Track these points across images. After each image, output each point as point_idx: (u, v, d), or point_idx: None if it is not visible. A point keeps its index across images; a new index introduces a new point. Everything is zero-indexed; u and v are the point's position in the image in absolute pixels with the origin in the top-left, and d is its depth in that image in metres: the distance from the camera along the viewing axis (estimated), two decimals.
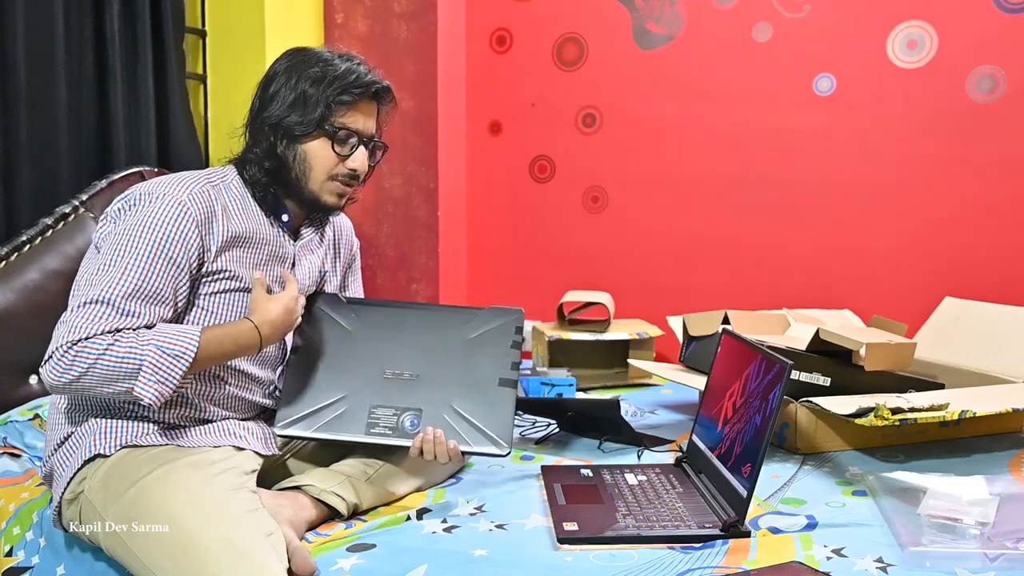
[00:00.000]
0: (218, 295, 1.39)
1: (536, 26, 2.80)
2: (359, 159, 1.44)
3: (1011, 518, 1.27)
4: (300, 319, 1.44)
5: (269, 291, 1.42)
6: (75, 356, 1.22)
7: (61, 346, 1.22)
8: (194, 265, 1.34)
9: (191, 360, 1.26)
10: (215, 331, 1.32)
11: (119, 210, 1.37)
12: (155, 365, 1.24)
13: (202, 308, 1.38)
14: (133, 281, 1.28)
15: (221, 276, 1.38)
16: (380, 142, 1.50)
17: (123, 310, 1.26)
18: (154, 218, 1.31)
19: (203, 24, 2.53)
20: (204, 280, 1.37)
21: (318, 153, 1.42)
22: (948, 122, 2.43)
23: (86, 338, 1.22)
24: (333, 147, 1.42)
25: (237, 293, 1.40)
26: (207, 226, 1.35)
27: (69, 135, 2.09)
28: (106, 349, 1.22)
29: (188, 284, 1.35)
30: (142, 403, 1.26)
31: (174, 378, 1.25)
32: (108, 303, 1.26)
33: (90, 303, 1.25)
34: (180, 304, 1.34)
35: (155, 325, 1.30)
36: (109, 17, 2.16)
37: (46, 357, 1.24)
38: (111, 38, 2.17)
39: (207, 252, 1.36)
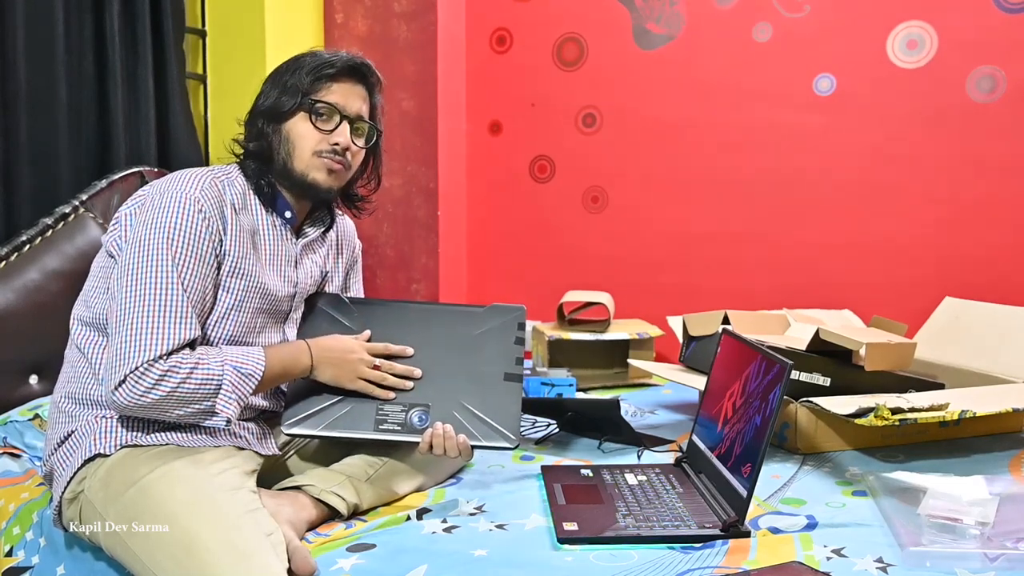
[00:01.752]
0: (228, 293, 1.39)
1: (536, 26, 2.80)
2: (341, 134, 1.44)
3: (1011, 518, 1.27)
4: (364, 369, 1.45)
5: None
6: (160, 376, 1.24)
7: (139, 366, 1.24)
8: (216, 260, 1.36)
9: (259, 379, 1.33)
10: (275, 352, 1.39)
11: (130, 214, 1.38)
12: (233, 384, 1.30)
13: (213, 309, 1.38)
14: (175, 286, 1.29)
15: (230, 276, 1.38)
16: (370, 123, 1.50)
17: (179, 317, 1.28)
18: (173, 219, 1.31)
19: (203, 24, 2.53)
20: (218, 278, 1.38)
21: (300, 130, 1.43)
22: (948, 122, 2.43)
23: (165, 355, 1.25)
24: (313, 122, 1.42)
25: (245, 295, 1.41)
26: (222, 220, 1.37)
27: (69, 135, 2.09)
28: (190, 372, 1.26)
29: (215, 279, 1.36)
30: (217, 421, 1.30)
31: (246, 396, 1.33)
32: (162, 314, 1.27)
33: (145, 318, 1.26)
34: (210, 302, 1.36)
35: (201, 334, 1.33)
36: (109, 17, 2.16)
37: (117, 380, 1.24)
38: (111, 38, 2.17)
39: (223, 246, 1.37)
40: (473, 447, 1.43)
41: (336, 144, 1.43)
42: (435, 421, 1.43)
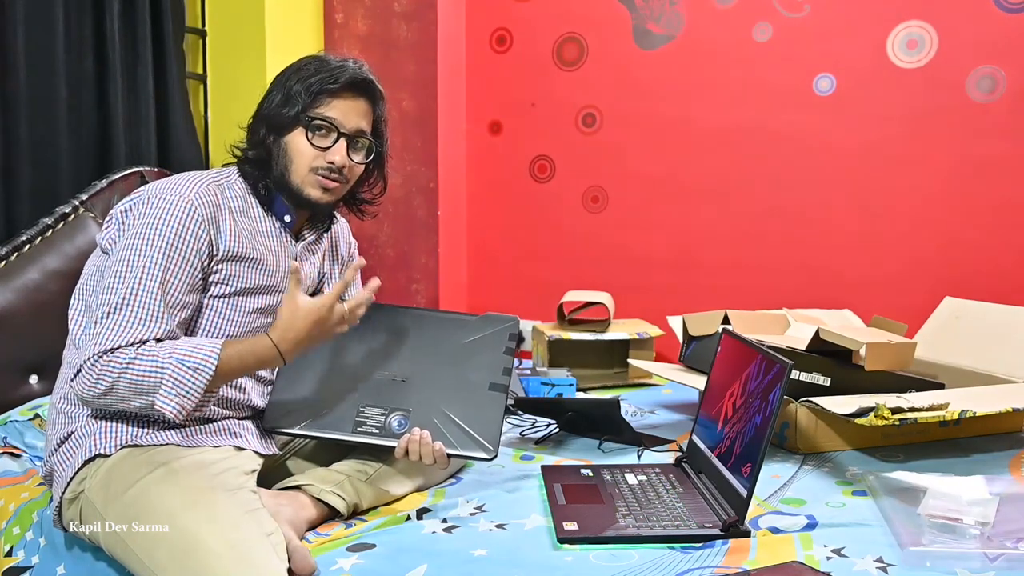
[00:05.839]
0: (225, 298, 1.39)
1: (536, 26, 2.80)
2: (337, 152, 1.43)
3: (1011, 518, 1.27)
4: (345, 327, 1.37)
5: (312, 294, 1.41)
6: (101, 369, 1.24)
7: (89, 359, 1.25)
8: (205, 264, 1.36)
9: (211, 373, 1.27)
10: (236, 345, 1.32)
11: (125, 212, 1.39)
12: (175, 379, 1.26)
13: (210, 310, 1.39)
14: (151, 285, 1.29)
15: (229, 278, 1.39)
16: (368, 139, 1.48)
17: (145, 316, 1.28)
18: (164, 220, 1.32)
19: (203, 24, 2.53)
20: (212, 282, 1.38)
21: (298, 146, 1.42)
22: (948, 122, 2.43)
23: (111, 350, 1.25)
24: (309, 139, 1.42)
25: (244, 296, 1.41)
26: (215, 225, 1.36)
27: (69, 135, 2.09)
28: (129, 363, 1.25)
29: (201, 284, 1.36)
30: (166, 417, 1.27)
31: (196, 391, 1.27)
32: (129, 311, 1.27)
33: (112, 312, 1.27)
34: (194, 305, 1.36)
35: (176, 333, 1.32)
36: (109, 17, 2.16)
37: (76, 370, 1.26)
38: (111, 38, 2.17)
39: (216, 251, 1.37)
40: (449, 455, 1.41)
41: (331, 163, 1.43)
42: (414, 426, 1.42)
